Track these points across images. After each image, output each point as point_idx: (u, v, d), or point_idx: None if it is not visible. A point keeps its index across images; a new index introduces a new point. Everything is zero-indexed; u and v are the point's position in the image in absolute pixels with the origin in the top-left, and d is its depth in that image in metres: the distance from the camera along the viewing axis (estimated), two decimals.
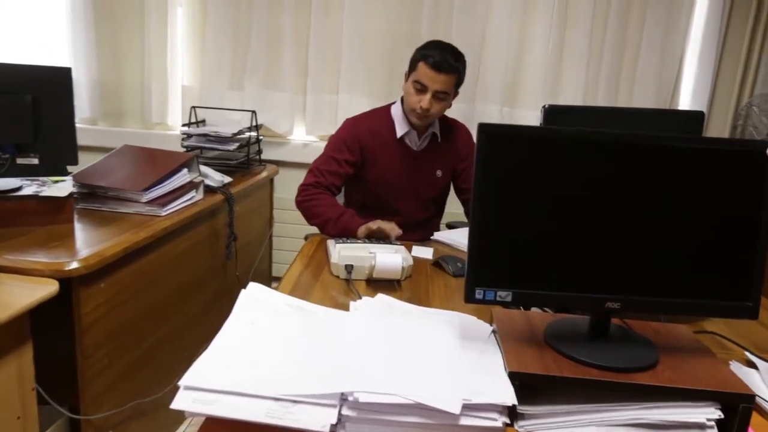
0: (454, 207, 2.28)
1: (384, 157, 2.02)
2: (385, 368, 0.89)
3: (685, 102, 2.79)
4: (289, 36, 2.86)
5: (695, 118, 1.31)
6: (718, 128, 2.82)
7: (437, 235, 1.88)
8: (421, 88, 1.87)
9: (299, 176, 3.05)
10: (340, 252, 1.47)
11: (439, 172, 2.06)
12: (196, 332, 2.22)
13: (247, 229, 2.65)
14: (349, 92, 2.90)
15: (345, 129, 2.04)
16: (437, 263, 1.60)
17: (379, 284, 1.43)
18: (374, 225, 1.73)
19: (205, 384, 0.83)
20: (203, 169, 2.25)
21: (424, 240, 2.10)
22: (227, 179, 2.38)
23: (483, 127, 0.92)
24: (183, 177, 2.06)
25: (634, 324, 1.09)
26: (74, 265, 1.43)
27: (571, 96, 2.79)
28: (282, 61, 2.89)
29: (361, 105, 2.90)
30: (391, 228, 1.72)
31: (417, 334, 1.01)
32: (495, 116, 2.84)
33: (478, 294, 0.96)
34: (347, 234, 1.78)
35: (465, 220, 2.30)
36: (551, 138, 0.92)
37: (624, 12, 2.70)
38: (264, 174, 2.72)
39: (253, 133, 2.71)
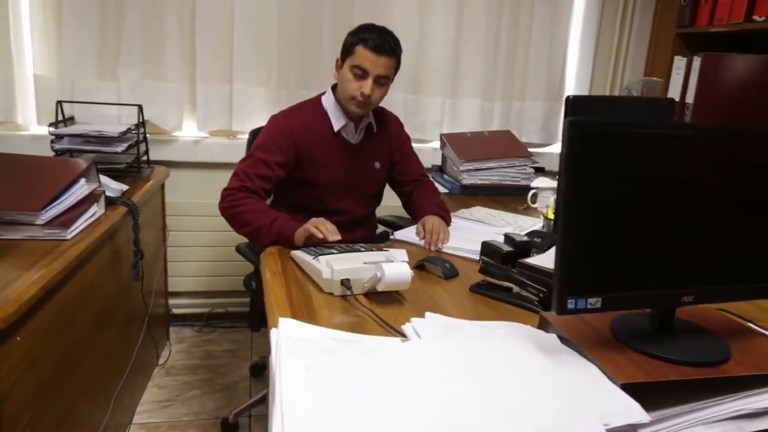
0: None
1: (321, 155, 1.85)
2: (503, 403, 0.78)
3: (570, 89, 2.99)
4: (171, 18, 2.50)
5: (668, 105, 1.37)
6: None
7: (398, 235, 1.77)
8: (362, 74, 1.73)
9: (191, 178, 2.74)
10: (332, 266, 1.30)
11: (377, 165, 1.95)
12: (110, 372, 1.86)
13: (143, 243, 2.29)
14: (244, 81, 2.62)
15: (274, 126, 1.83)
16: (421, 266, 1.50)
17: (379, 297, 1.29)
18: (311, 227, 1.55)
19: None
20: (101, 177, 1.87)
21: (368, 238, 1.99)
22: (124, 187, 2.02)
23: (575, 125, 0.84)
24: (82, 189, 1.70)
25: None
26: None
27: (471, 86, 2.83)
28: (164, 47, 2.52)
29: (258, 95, 2.65)
30: (332, 231, 1.55)
31: (500, 356, 0.91)
32: (399, 104, 2.77)
33: (570, 304, 0.89)
34: (282, 241, 1.60)
35: (396, 213, 2.22)
36: (651, 133, 0.87)
37: (516, 3, 2.79)
38: (156, 178, 2.36)
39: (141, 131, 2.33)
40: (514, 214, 2.06)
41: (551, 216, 1.71)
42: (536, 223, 1.93)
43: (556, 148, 3.06)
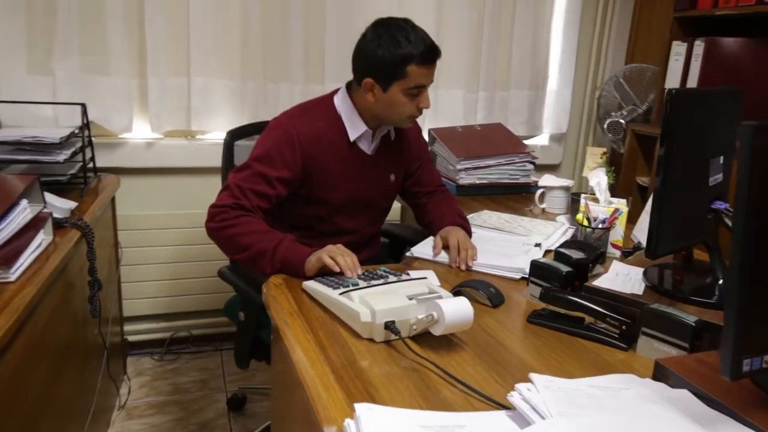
0: None
1: (334, 170, 1.55)
2: None
3: (553, 78, 2.82)
4: (114, 2, 2.13)
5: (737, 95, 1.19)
6: (579, 105, 2.93)
7: (415, 252, 1.52)
8: (419, 92, 1.47)
9: (144, 186, 2.37)
10: (371, 306, 1.04)
11: (392, 177, 1.68)
12: (71, 425, 1.53)
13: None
14: (204, 74, 2.28)
15: (280, 133, 1.50)
16: (458, 292, 1.26)
17: (429, 339, 1.05)
18: (326, 257, 1.28)
19: None
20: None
21: (372, 258, 1.73)
22: (72, 204, 1.67)
23: (761, 131, 0.63)
24: (24, 213, 1.36)
25: None
26: None
27: (454, 76, 2.60)
28: (106, 35, 2.14)
29: (220, 90, 2.32)
30: (351, 266, 1.27)
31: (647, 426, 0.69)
32: None
33: (746, 365, 0.68)
34: (288, 269, 1.32)
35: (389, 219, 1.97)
36: None
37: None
38: (106, 189, 2.00)
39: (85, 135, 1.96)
40: (529, 218, 1.86)
41: (586, 223, 1.52)
42: (559, 229, 1.73)
43: (542, 140, 2.90)
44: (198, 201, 2.42)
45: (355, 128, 1.55)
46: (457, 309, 1.01)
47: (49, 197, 1.56)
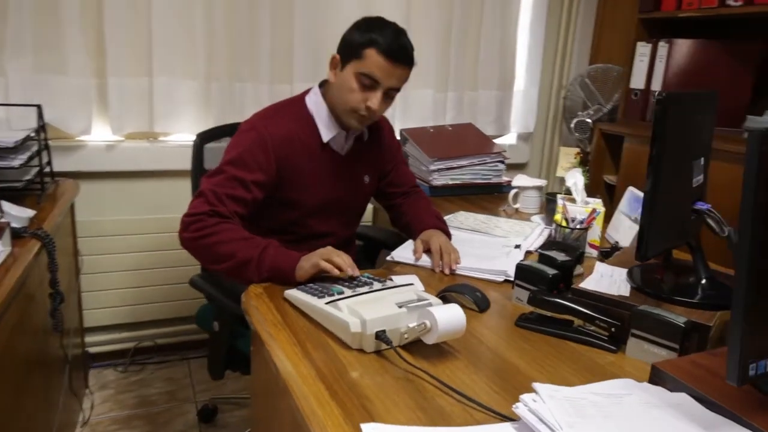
0: None
1: (307, 171, 1.51)
2: None
3: (520, 78, 2.84)
4: None
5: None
6: (545, 104, 2.96)
7: (396, 256, 1.49)
8: (370, 84, 1.41)
9: (104, 191, 2.26)
10: (361, 315, 1.01)
11: (366, 178, 1.65)
12: None
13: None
14: (167, 73, 2.20)
15: (253, 136, 1.44)
16: (444, 297, 1.24)
17: (420, 347, 1.02)
18: (322, 261, 1.25)
19: None
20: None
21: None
22: (30, 212, 1.58)
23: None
24: None
25: None
26: None
27: (424, 76, 2.59)
28: (63, 33, 2.03)
29: (184, 90, 2.24)
30: (350, 264, 1.25)
31: None
32: None
33: (752, 369, 0.68)
34: (276, 278, 1.27)
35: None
36: None
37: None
38: (65, 195, 1.91)
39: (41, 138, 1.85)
40: (505, 218, 1.86)
41: (564, 224, 1.52)
42: (535, 229, 1.74)
43: (510, 139, 2.92)
44: (161, 206, 2.34)
45: (328, 129, 1.51)
46: (449, 317, 0.99)
47: (6, 205, 1.47)
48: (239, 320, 1.54)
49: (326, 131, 1.51)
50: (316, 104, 1.52)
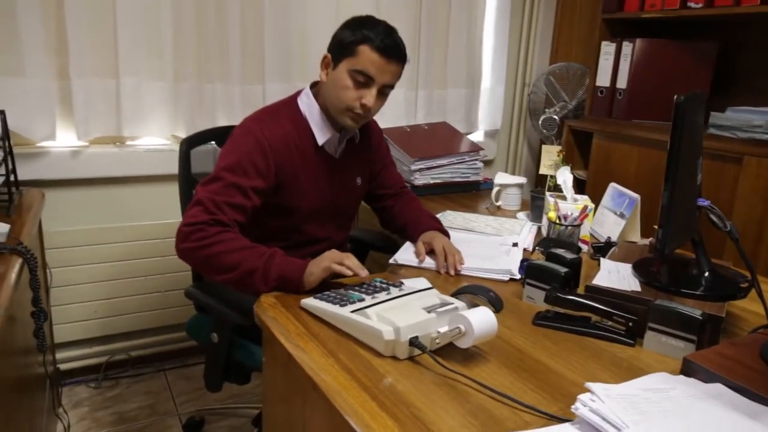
0: None
1: (304, 175, 1.49)
2: None
3: (486, 76, 2.89)
4: None
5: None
6: (510, 101, 3.02)
7: (399, 259, 1.49)
8: (364, 81, 1.40)
9: (69, 199, 2.15)
10: (393, 323, 1.00)
11: (358, 180, 1.64)
12: None
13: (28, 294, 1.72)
14: (134, 74, 2.10)
15: (250, 140, 1.40)
16: (458, 299, 1.25)
17: (452, 351, 1.03)
18: (334, 265, 1.24)
19: None
20: None
21: None
22: (6, 227, 1.48)
23: None
24: None
25: None
26: None
27: None
28: (20, 33, 1.90)
29: (153, 91, 2.16)
30: (360, 266, 1.27)
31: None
32: None
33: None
34: (286, 285, 1.25)
35: None
36: None
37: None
38: (33, 206, 1.80)
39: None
40: (493, 217, 1.90)
41: (558, 221, 1.57)
42: (524, 227, 1.78)
43: (477, 136, 2.96)
44: (131, 213, 2.24)
45: (322, 131, 1.50)
46: (483, 320, 1.00)
47: None
48: (236, 330, 1.50)
49: (320, 134, 1.50)
50: (308, 106, 1.50)
